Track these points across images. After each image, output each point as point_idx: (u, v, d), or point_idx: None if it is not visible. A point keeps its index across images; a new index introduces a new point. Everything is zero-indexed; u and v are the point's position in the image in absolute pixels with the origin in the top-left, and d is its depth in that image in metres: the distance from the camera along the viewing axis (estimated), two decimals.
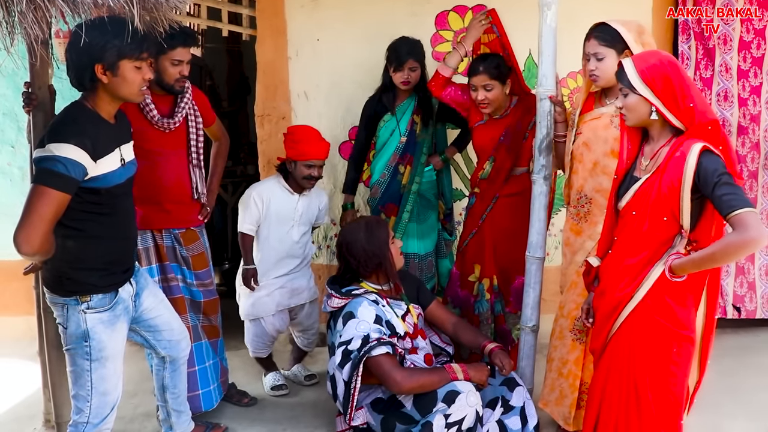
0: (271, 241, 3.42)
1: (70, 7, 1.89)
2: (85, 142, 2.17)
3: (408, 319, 2.95)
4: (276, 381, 3.58)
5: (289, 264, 3.46)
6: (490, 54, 3.34)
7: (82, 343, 2.32)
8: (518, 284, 3.40)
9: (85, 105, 2.29)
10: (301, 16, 3.94)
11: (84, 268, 2.31)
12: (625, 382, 2.22)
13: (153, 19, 2.25)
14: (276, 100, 4.04)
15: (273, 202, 3.38)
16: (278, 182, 3.43)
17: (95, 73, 2.21)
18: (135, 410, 3.34)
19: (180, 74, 2.90)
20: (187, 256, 3.07)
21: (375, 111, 3.62)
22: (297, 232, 3.45)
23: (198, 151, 3.09)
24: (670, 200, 2.09)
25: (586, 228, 2.79)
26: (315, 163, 3.35)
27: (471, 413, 2.61)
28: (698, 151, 2.03)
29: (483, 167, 3.37)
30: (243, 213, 3.38)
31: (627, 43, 2.57)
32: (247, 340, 3.53)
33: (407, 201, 3.60)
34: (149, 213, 2.95)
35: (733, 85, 3.98)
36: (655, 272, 2.14)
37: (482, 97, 3.21)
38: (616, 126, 2.69)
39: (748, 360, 3.84)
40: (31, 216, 2.08)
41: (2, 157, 4.22)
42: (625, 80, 2.16)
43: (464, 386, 2.66)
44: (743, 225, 1.92)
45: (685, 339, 2.16)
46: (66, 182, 2.12)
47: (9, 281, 4.10)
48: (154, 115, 2.90)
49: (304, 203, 3.46)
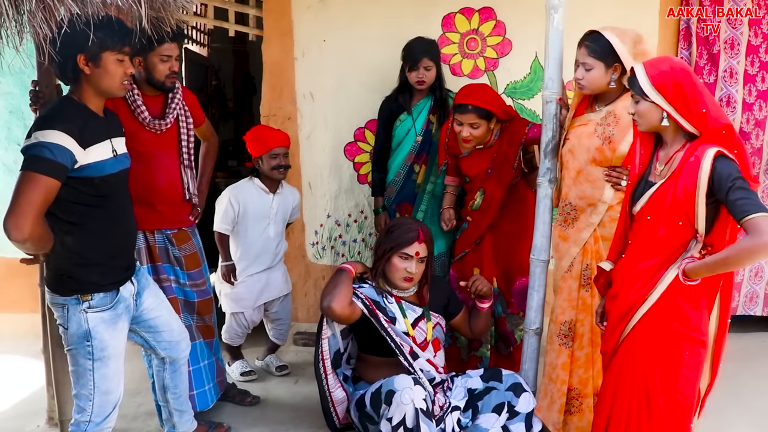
0: (249, 239, 3.56)
1: (78, 6, 1.90)
2: (72, 128, 2.17)
3: (421, 325, 2.96)
4: (244, 368, 3.75)
5: (266, 259, 3.61)
6: (479, 88, 3.27)
7: (84, 342, 2.32)
8: (520, 285, 3.39)
9: (72, 98, 2.31)
10: (307, 17, 3.95)
11: (85, 264, 2.30)
12: (636, 384, 2.21)
13: (160, 18, 2.26)
14: (282, 100, 4.04)
15: (249, 203, 3.53)
16: (253, 183, 3.58)
17: (77, 63, 2.22)
18: (138, 408, 3.35)
19: (170, 70, 2.88)
20: (179, 257, 3.06)
21: (391, 110, 3.62)
22: (273, 230, 3.61)
23: (189, 151, 3.08)
24: (685, 205, 2.09)
25: (572, 234, 2.79)
26: (278, 151, 3.50)
27: (409, 410, 2.55)
28: (712, 155, 2.03)
29: (474, 198, 3.35)
30: (218, 214, 3.53)
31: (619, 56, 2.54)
32: (224, 330, 3.67)
33: (421, 201, 3.61)
34: (141, 214, 2.89)
35: (737, 90, 3.96)
36: (669, 275, 2.14)
37: (467, 134, 3.18)
38: (599, 135, 2.67)
39: (751, 363, 3.83)
40: (20, 202, 2.09)
41: (9, 155, 4.24)
42: (636, 87, 2.16)
43: (401, 383, 2.62)
44: (757, 230, 1.92)
45: (697, 342, 2.16)
46: (53, 167, 2.12)
47: (13, 278, 4.10)
48: (146, 116, 2.88)
49: (279, 201, 3.61)
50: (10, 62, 2.06)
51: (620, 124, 2.63)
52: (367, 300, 2.88)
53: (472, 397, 2.83)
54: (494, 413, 2.75)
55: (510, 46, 3.94)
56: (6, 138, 4.24)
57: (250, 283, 3.60)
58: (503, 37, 3.93)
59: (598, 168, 2.69)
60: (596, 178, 2.70)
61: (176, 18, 2.38)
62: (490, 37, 3.93)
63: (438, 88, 3.54)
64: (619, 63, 2.57)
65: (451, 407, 2.82)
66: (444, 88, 3.58)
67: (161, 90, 2.93)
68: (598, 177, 2.69)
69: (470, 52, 3.96)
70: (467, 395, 2.86)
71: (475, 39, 3.94)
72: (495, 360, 3.47)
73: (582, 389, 2.78)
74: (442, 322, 3.08)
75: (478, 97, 3.16)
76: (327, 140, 4.08)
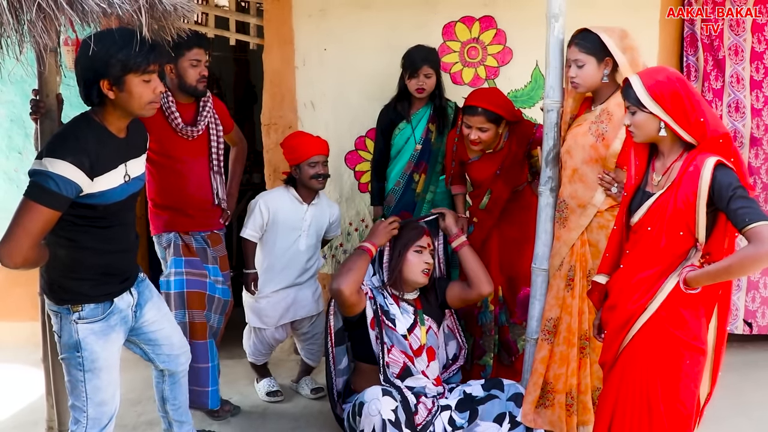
0: (276, 250, 3.38)
1: (79, 16, 1.89)
2: (83, 159, 2.10)
3: (416, 332, 2.94)
4: (271, 387, 3.56)
5: (293, 274, 3.41)
6: (489, 92, 3.29)
7: (75, 353, 2.28)
8: (524, 295, 3.38)
9: (93, 118, 2.23)
10: (308, 26, 3.95)
11: (75, 278, 2.26)
12: (638, 394, 2.20)
13: (161, 27, 2.26)
14: (282, 109, 4.04)
15: (280, 212, 3.35)
16: (287, 192, 3.39)
17: (101, 89, 2.16)
18: (138, 418, 3.33)
19: (200, 75, 3.02)
20: (216, 257, 3.18)
21: (390, 119, 3.61)
22: (304, 243, 3.40)
23: (219, 158, 3.20)
24: (686, 215, 2.08)
25: (564, 234, 2.80)
26: (317, 159, 3.32)
27: (377, 422, 2.55)
28: (712, 165, 2.03)
29: (481, 198, 3.36)
30: (247, 219, 3.36)
31: (609, 50, 2.58)
32: (245, 344, 3.53)
33: (421, 210, 3.59)
34: (173, 218, 3.09)
35: (745, 96, 3.95)
36: (669, 284, 2.14)
37: (475, 137, 3.19)
38: (592, 133, 2.70)
39: (754, 375, 3.81)
40: (16, 230, 2.05)
41: (10, 163, 4.23)
42: (632, 97, 2.15)
43: (370, 394, 2.63)
44: (759, 238, 1.92)
45: (697, 350, 2.15)
46: (56, 200, 2.07)
47: (13, 287, 4.09)
48: (179, 123, 3.01)
49: (313, 213, 3.41)
50: (11, 71, 2.06)
51: (613, 121, 2.66)
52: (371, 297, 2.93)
53: (472, 401, 2.82)
54: (495, 423, 2.74)
55: (511, 55, 3.94)
56: (7, 147, 4.24)
57: (275, 299, 3.39)
58: (504, 46, 3.93)
59: (593, 169, 2.71)
60: (590, 180, 2.72)
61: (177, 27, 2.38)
62: (491, 46, 3.94)
63: (438, 97, 3.53)
64: (610, 57, 2.61)
65: (440, 408, 2.81)
66: (443, 96, 3.57)
67: (193, 95, 3.06)
68: (593, 179, 2.71)
69: (471, 61, 3.96)
70: (462, 395, 2.85)
71: (475, 48, 3.95)
72: (497, 370, 3.45)
73: (555, 384, 2.78)
74: (434, 326, 3.05)
75: (487, 100, 3.17)
76: None
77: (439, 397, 2.90)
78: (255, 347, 3.49)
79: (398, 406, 2.60)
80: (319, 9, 3.92)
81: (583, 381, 2.76)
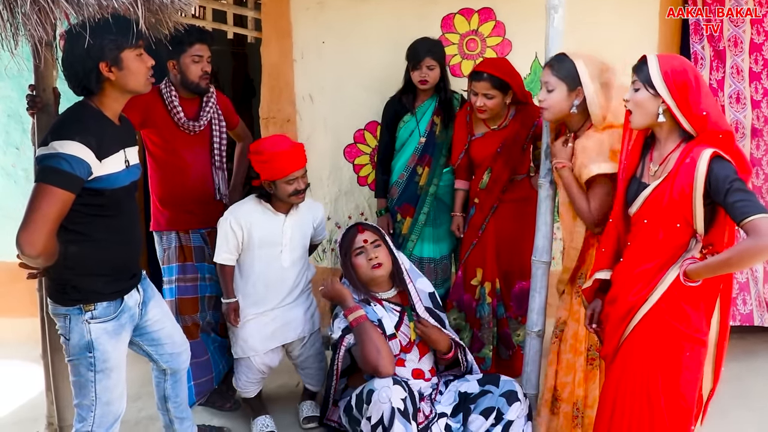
0: (256, 270, 2.99)
1: (74, 9, 1.88)
2: (90, 139, 2.11)
3: (403, 329, 2.93)
4: (265, 427, 3.12)
5: (280, 295, 3.04)
6: (497, 60, 3.30)
7: (86, 353, 2.26)
8: (518, 289, 3.39)
9: (90, 104, 2.25)
10: (306, 19, 3.93)
11: (88, 275, 2.25)
12: (637, 386, 2.20)
13: (158, 21, 2.24)
14: (281, 102, 4.03)
15: (255, 227, 2.95)
16: (259, 204, 2.98)
17: (101, 72, 2.16)
18: (139, 413, 3.33)
19: (202, 71, 3.01)
20: (212, 255, 3.15)
21: (395, 111, 3.59)
22: (288, 258, 3.01)
23: (221, 153, 3.22)
24: (683, 207, 2.07)
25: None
26: (296, 174, 2.87)
27: (386, 409, 2.53)
28: (708, 157, 2.01)
29: (481, 177, 3.36)
30: (219, 241, 2.95)
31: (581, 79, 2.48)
32: (234, 378, 3.17)
33: (424, 203, 3.58)
34: (174, 216, 3.09)
35: (745, 87, 3.93)
36: (669, 276, 2.13)
37: (481, 104, 3.19)
38: None
39: (755, 365, 3.81)
40: (35, 216, 2.02)
41: (7, 158, 4.22)
42: (643, 74, 2.12)
43: (380, 382, 2.62)
44: (758, 231, 1.91)
45: (698, 342, 2.14)
46: (71, 180, 2.07)
47: (13, 283, 4.05)
48: (181, 117, 3.01)
49: (293, 223, 3.01)
50: (6, 66, 2.04)
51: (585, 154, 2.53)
52: None
53: (465, 401, 2.79)
54: (482, 416, 2.71)
55: (510, 47, 3.92)
56: (4, 142, 4.22)
57: (260, 323, 3.02)
58: (503, 38, 3.92)
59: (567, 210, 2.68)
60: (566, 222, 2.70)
61: (174, 20, 2.36)
62: (490, 38, 3.92)
63: (443, 89, 3.52)
64: (581, 87, 2.50)
65: (437, 415, 2.78)
66: (449, 89, 3.55)
67: (196, 92, 3.06)
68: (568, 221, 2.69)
69: (470, 53, 3.94)
70: (457, 399, 2.82)
71: (474, 40, 3.93)
72: (495, 363, 3.46)
73: (561, 392, 2.76)
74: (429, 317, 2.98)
75: (494, 67, 3.18)
76: (326, 142, 4.07)
77: (434, 394, 2.87)
78: (244, 376, 3.10)
79: (407, 397, 2.60)
80: (317, 2, 3.90)
81: (591, 394, 2.69)
